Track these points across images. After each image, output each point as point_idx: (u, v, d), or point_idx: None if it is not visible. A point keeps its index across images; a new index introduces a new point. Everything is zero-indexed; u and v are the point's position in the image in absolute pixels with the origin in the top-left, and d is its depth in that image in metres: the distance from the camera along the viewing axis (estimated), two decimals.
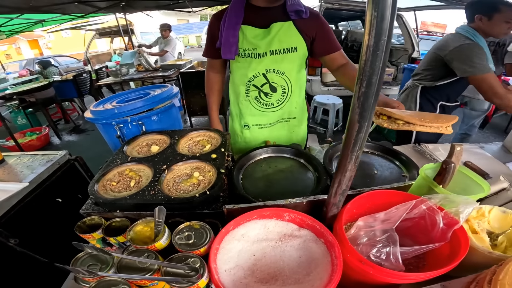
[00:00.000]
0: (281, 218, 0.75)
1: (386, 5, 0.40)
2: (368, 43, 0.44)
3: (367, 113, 0.50)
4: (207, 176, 1.03)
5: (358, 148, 0.55)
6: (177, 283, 0.53)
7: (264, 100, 1.46)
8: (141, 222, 0.71)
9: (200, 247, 0.62)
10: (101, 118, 1.62)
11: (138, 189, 0.97)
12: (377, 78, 0.46)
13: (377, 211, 0.73)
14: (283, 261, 0.66)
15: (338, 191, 0.65)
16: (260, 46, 1.30)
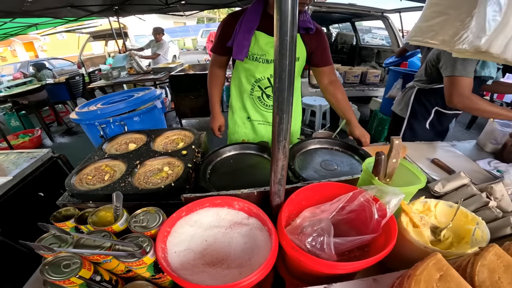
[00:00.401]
0: (232, 207, 0.81)
1: (288, 10, 0.47)
2: (276, 44, 0.52)
3: (283, 106, 0.57)
4: (175, 170, 1.13)
5: (282, 138, 0.62)
6: (123, 257, 0.62)
7: (266, 101, 1.58)
8: (104, 208, 0.80)
9: (151, 229, 0.70)
10: (85, 119, 1.71)
11: (111, 182, 1.07)
12: (285, 74, 0.54)
13: (323, 203, 0.76)
14: (230, 247, 0.71)
15: (274, 180, 0.72)
16: (270, 53, 1.41)
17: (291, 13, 0.48)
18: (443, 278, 0.55)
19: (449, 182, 1.11)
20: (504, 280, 0.54)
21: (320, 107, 4.23)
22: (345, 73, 5.21)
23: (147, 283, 0.69)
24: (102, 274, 0.64)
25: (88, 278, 0.59)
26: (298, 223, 0.74)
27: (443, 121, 1.93)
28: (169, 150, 1.29)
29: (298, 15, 1.32)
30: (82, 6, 4.55)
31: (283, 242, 0.67)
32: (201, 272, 0.65)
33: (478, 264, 0.57)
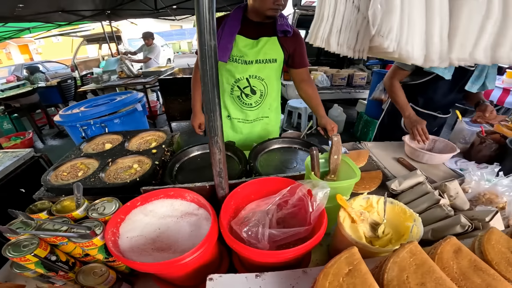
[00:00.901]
0: (184, 198, 0.88)
1: (206, 22, 0.57)
2: (198, 52, 0.61)
3: (210, 105, 0.66)
4: (144, 167, 1.23)
5: (214, 134, 0.71)
6: (74, 238, 0.71)
7: (245, 100, 1.68)
8: (68, 198, 0.90)
9: (106, 216, 0.80)
10: (68, 121, 1.81)
11: (83, 177, 1.17)
12: (208, 78, 0.63)
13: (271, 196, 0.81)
14: (179, 234, 0.78)
15: (215, 173, 0.81)
16: (248, 54, 1.52)
17: (209, 24, 0.57)
18: (351, 273, 0.55)
19: (406, 180, 1.16)
20: (412, 280, 0.53)
21: (306, 109, 4.35)
22: (332, 75, 5.31)
23: (101, 265, 0.79)
24: (58, 255, 0.73)
25: (43, 257, 0.68)
26: (242, 214, 0.80)
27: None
28: (141, 149, 1.39)
29: (276, 19, 1.46)
30: (73, 10, 4.64)
31: (222, 230, 0.73)
32: (148, 255, 0.73)
33: (390, 261, 0.57)
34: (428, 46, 0.62)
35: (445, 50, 0.62)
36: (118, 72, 4.84)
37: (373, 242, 0.81)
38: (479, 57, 0.61)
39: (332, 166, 0.98)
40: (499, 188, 1.06)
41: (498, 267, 0.58)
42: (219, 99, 0.68)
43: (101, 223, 0.77)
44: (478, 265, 0.58)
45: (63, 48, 15.65)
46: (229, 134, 1.80)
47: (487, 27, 0.58)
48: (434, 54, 0.63)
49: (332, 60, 7.09)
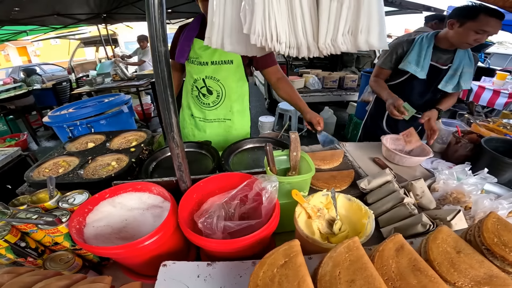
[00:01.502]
0: (151, 192, 0.93)
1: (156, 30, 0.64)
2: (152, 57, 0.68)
3: (164, 104, 0.73)
4: (121, 165, 1.31)
5: (170, 130, 0.77)
6: (41, 225, 0.77)
7: (202, 100, 1.75)
8: (43, 191, 0.97)
9: (75, 206, 0.87)
10: (55, 122, 1.89)
11: (63, 173, 1.25)
12: (160, 80, 0.70)
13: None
14: (144, 225, 0.84)
15: (175, 167, 0.87)
16: (202, 56, 1.60)
17: (160, 32, 0.64)
18: (286, 265, 0.55)
19: (375, 179, 1.19)
20: (343, 277, 0.53)
21: (295, 112, 4.42)
22: (324, 78, 5.41)
23: (67, 252, 0.86)
24: (28, 242, 0.80)
25: (13, 242, 0.75)
26: (204, 207, 0.84)
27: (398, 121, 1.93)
28: (121, 147, 1.47)
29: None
30: (68, 14, 4.72)
31: (179, 220, 0.78)
32: (110, 243, 0.79)
33: (327, 256, 0.58)
34: (296, 38, 0.67)
35: (311, 40, 0.67)
36: (112, 74, 4.92)
37: (330, 239, 0.83)
38: (340, 44, 0.65)
39: (292, 162, 1.03)
40: (466, 187, 1.08)
41: (439, 268, 0.57)
42: (172, 98, 0.74)
43: (69, 212, 0.84)
44: (417, 265, 0.57)
45: (61, 51, 15.72)
46: (194, 133, 1.87)
47: (342, 14, 0.62)
48: (302, 45, 0.68)
49: (325, 63, 7.19)
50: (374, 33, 0.62)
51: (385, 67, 1.83)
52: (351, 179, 1.32)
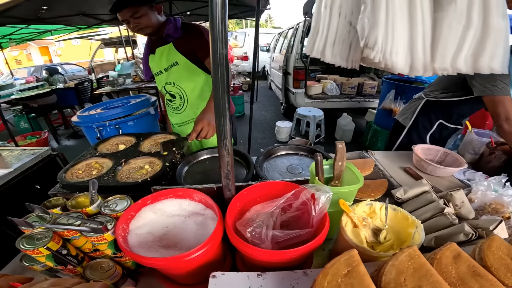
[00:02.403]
0: (192, 198, 0.93)
1: (218, 31, 0.60)
2: (211, 59, 0.64)
3: (220, 110, 0.70)
4: (154, 168, 1.28)
5: (223, 137, 0.74)
6: (86, 232, 0.74)
7: (171, 105, 1.87)
8: (83, 195, 0.95)
9: (118, 212, 0.84)
10: (84, 122, 1.89)
11: (97, 176, 1.23)
12: (219, 85, 0.66)
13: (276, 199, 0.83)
14: (185, 233, 0.81)
15: (223, 174, 0.84)
16: (153, 67, 1.77)
17: (222, 33, 0.61)
18: (349, 274, 0.56)
19: (411, 189, 1.17)
20: (409, 283, 0.54)
21: (314, 118, 4.36)
22: (342, 84, 5.33)
23: (108, 260, 0.83)
24: (69, 249, 0.77)
25: (55, 250, 0.72)
26: (247, 216, 0.83)
27: (444, 135, 1.93)
28: (152, 151, 1.45)
29: (162, 28, 1.58)
30: (93, 14, 4.79)
31: (227, 230, 0.75)
32: (155, 251, 0.76)
33: (389, 264, 0.58)
34: (413, 57, 0.65)
35: (428, 60, 0.65)
36: (132, 75, 4.98)
37: (375, 247, 0.83)
38: (460, 66, 0.64)
39: (336, 172, 0.99)
40: (505, 198, 1.07)
41: (497, 273, 0.59)
42: (229, 104, 0.71)
43: (113, 219, 0.81)
44: (476, 270, 0.59)
45: (81, 51, 16.16)
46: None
47: (467, 37, 0.60)
48: (418, 64, 0.66)
49: (342, 68, 7.06)
50: (498, 57, 0.60)
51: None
52: (384, 188, 1.28)
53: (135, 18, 1.47)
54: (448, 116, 1.83)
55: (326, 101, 5.02)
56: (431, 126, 1.91)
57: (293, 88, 5.01)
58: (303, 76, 4.88)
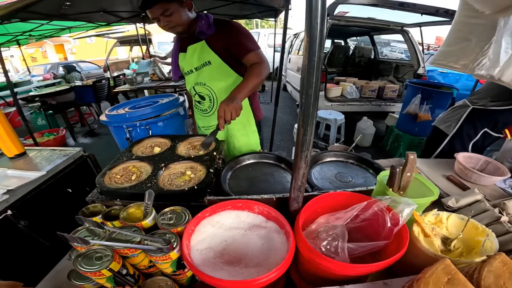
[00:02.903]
0: (252, 210, 0.86)
1: (316, 33, 0.53)
2: (304, 63, 0.57)
3: (308, 119, 0.62)
4: (198, 175, 1.20)
5: (305, 148, 0.67)
6: (152, 252, 0.67)
7: (199, 107, 1.79)
8: (134, 205, 0.86)
9: (178, 226, 0.76)
10: (114, 122, 1.82)
11: (138, 182, 1.14)
12: (312, 91, 0.59)
13: (340, 211, 0.80)
14: (248, 247, 0.76)
15: (295, 186, 0.76)
16: (184, 66, 1.69)
17: (320, 34, 0.53)
18: (451, 281, 0.58)
19: (463, 198, 1.14)
20: (509, 285, 0.57)
21: (335, 121, 4.25)
22: (362, 87, 5.20)
23: (166, 278, 0.74)
24: (127, 268, 0.69)
25: (116, 271, 0.65)
26: (314, 228, 0.79)
27: (486, 143, 1.89)
28: (191, 155, 1.36)
29: (193, 25, 1.50)
30: (113, 11, 4.78)
31: (300, 244, 0.71)
32: (221, 270, 0.69)
33: (485, 270, 0.60)
34: None
35: None
36: (150, 74, 4.94)
37: (445, 255, 0.80)
38: None
39: (404, 182, 0.94)
40: None
41: None
42: (316, 112, 0.63)
43: (175, 235, 0.73)
44: None
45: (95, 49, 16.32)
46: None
47: None
48: None
49: (358, 70, 6.97)
50: None
51: None
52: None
53: (166, 16, 1.39)
54: (493, 125, 1.79)
55: (346, 104, 4.89)
56: (476, 134, 1.86)
57: None
58: (323, 79, 4.76)
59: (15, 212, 1.22)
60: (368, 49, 6.77)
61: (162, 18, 1.40)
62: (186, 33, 1.53)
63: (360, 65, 6.97)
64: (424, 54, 5.25)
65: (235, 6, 4.29)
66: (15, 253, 1.27)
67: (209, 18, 1.53)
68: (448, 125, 2.00)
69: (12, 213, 1.20)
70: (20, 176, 1.37)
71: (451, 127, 1.97)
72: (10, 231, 1.23)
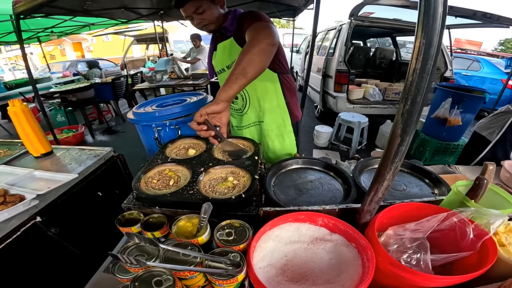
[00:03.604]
0: (314, 223, 0.79)
1: (434, 34, 0.46)
2: (415, 66, 0.49)
3: (409, 128, 0.55)
4: (241, 181, 1.09)
5: (398, 159, 0.60)
6: (219, 275, 0.58)
7: (233, 106, 1.72)
8: (184, 218, 0.77)
9: (240, 244, 0.66)
10: (143, 120, 1.74)
11: (177, 188, 1.05)
12: (421, 98, 0.51)
13: (406, 222, 0.77)
14: (313, 262, 0.70)
15: (374, 199, 0.70)
16: (215, 65, 1.63)
17: (439, 36, 0.47)
18: None
19: None
20: None
21: (358, 124, 4.09)
22: (385, 89, 5.03)
23: None
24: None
25: None
26: (383, 240, 0.75)
27: None
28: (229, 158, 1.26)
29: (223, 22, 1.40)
30: (133, 8, 4.79)
31: (378, 258, 0.67)
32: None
33: None
34: None
35: None
36: (169, 72, 4.89)
37: None
38: None
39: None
40: None
41: None
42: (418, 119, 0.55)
43: (240, 253, 0.63)
44: None
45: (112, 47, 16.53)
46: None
47: None
48: None
49: (379, 72, 6.78)
50: None
51: None
52: None
53: (198, 13, 1.32)
54: None
55: (369, 107, 4.74)
56: None
57: (334, 92, 4.74)
58: (346, 80, 4.61)
59: (44, 218, 1.13)
60: (390, 51, 6.57)
61: (195, 16, 1.34)
62: (219, 31, 1.46)
63: (381, 66, 6.77)
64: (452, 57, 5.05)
65: (254, 5, 4.22)
66: (45, 264, 1.18)
67: (236, 13, 1.44)
68: (491, 132, 1.97)
69: (41, 220, 1.11)
70: (50, 178, 1.29)
71: (494, 134, 1.94)
72: (39, 239, 1.14)
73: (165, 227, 0.88)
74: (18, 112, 1.46)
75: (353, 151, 4.28)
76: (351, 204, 0.85)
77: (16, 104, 1.46)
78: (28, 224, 1.06)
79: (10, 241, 0.99)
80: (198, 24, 1.39)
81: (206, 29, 1.42)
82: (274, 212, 0.82)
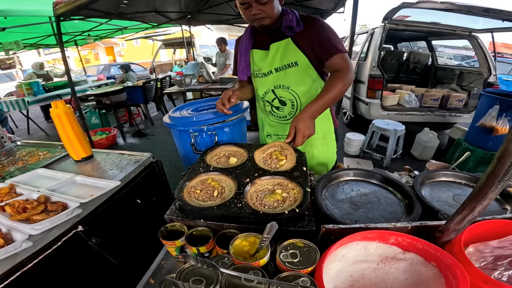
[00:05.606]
0: (385, 241, 0.73)
1: None
2: None
3: None
4: (291, 194, 1.00)
5: (508, 177, 0.52)
6: None
7: (277, 113, 1.58)
8: (241, 236, 0.70)
9: (308, 266, 0.59)
10: (180, 125, 1.70)
11: (222, 199, 0.98)
12: None
13: (484, 240, 0.74)
14: (385, 283, 0.66)
15: (467, 217, 0.64)
16: (263, 66, 1.47)
17: None
18: None
19: None
20: None
21: (395, 132, 3.88)
22: (422, 95, 4.76)
23: None
24: None
25: None
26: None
27: None
28: (271, 166, 1.18)
29: (281, 18, 1.33)
30: (163, 12, 4.94)
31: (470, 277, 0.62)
32: None
33: None
34: None
35: None
36: (197, 76, 4.93)
37: None
38: None
39: None
40: None
41: None
42: None
43: (310, 278, 0.55)
44: None
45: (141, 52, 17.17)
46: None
47: None
48: None
49: (413, 77, 6.46)
50: None
51: None
52: None
53: (260, 3, 1.22)
54: None
55: (404, 114, 4.49)
56: None
57: (367, 98, 4.54)
58: (380, 86, 4.40)
59: (87, 228, 1.08)
60: (425, 55, 6.25)
61: (255, 6, 1.22)
62: (271, 27, 1.35)
63: (415, 71, 6.46)
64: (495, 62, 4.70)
65: None
66: (83, 275, 1.14)
67: (296, 13, 1.35)
68: None
69: (83, 230, 1.06)
70: (92, 185, 1.25)
71: None
72: (79, 249, 1.09)
73: (210, 242, 0.82)
74: (61, 114, 1.44)
75: (387, 160, 4.06)
76: (426, 222, 0.77)
77: (59, 105, 1.44)
78: (70, 234, 1.02)
79: (50, 252, 0.95)
80: (254, 15, 1.25)
81: (259, 22, 1.30)
82: (338, 230, 0.73)
